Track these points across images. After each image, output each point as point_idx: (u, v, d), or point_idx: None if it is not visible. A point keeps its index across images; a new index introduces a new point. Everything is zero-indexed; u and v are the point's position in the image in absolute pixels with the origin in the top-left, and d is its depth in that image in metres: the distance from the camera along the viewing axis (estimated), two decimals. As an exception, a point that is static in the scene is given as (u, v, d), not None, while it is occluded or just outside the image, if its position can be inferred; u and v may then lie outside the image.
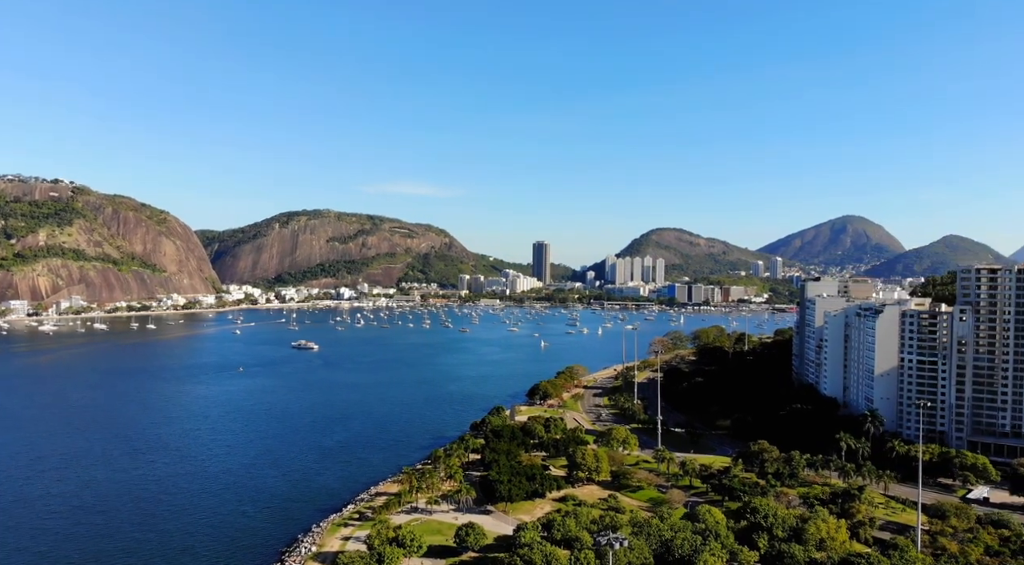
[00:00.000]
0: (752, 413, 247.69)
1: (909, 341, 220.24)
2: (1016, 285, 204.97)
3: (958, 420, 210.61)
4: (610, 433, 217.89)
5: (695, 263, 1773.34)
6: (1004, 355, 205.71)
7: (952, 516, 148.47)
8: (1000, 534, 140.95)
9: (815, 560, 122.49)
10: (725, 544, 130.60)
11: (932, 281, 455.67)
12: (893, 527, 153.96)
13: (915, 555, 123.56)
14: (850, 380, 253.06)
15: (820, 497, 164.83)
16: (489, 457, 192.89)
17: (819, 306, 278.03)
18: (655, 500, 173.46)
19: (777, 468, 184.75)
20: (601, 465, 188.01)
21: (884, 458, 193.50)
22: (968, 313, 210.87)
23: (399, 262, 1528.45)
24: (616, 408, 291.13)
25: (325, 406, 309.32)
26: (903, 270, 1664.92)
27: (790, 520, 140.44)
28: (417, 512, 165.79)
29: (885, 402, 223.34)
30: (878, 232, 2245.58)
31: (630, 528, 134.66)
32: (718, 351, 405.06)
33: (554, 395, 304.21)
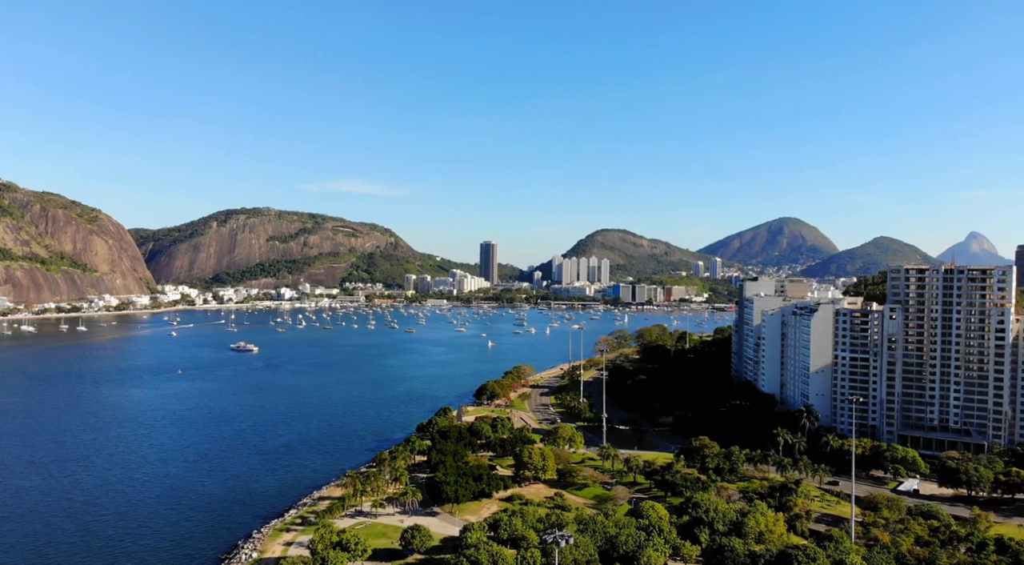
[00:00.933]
0: (693, 410, 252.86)
1: (842, 339, 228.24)
2: (943, 284, 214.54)
3: (889, 415, 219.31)
4: (557, 432, 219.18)
5: (639, 263, 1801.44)
6: (932, 352, 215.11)
7: (884, 508, 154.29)
8: (930, 525, 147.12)
9: (754, 553, 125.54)
10: (668, 539, 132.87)
11: (864, 281, 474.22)
12: (828, 519, 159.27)
13: (849, 546, 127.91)
14: (787, 377, 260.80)
15: (759, 491, 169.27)
16: (435, 458, 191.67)
17: (757, 305, 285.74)
18: (600, 497, 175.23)
19: (718, 463, 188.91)
20: (548, 464, 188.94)
21: (819, 452, 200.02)
22: (898, 311, 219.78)
23: (342, 262, 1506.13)
24: (562, 407, 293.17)
25: (266, 409, 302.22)
26: (837, 270, 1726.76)
27: (730, 514, 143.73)
28: (362, 515, 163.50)
29: (820, 398, 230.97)
30: (813, 234, 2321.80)
31: (576, 525, 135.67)
32: (661, 349, 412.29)
33: (501, 395, 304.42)
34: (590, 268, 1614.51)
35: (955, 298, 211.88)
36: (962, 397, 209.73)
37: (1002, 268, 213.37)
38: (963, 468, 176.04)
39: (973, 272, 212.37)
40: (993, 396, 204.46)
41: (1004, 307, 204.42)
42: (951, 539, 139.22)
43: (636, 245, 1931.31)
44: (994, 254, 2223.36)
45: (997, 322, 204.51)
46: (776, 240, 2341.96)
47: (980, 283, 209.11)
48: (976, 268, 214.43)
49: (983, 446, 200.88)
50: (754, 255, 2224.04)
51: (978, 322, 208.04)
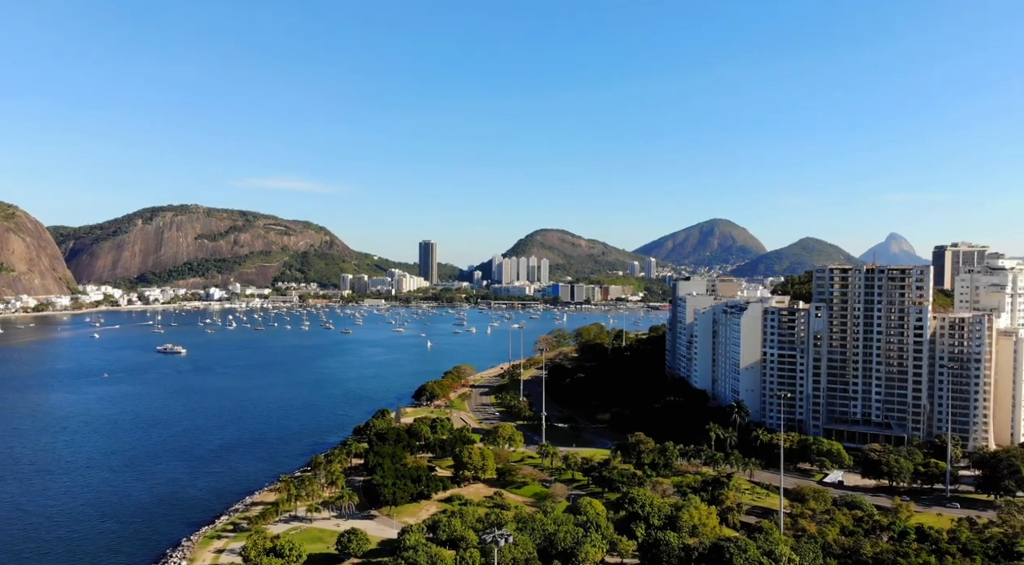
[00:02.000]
0: (630, 406, 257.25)
1: (771, 336, 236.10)
2: (864, 284, 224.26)
3: (815, 409, 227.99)
4: (497, 431, 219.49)
5: (577, 263, 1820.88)
6: (854, 348, 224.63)
7: (811, 499, 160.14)
8: (854, 515, 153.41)
9: (688, 546, 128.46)
10: (605, 535, 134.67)
11: (791, 280, 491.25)
12: (758, 511, 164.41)
13: (778, 537, 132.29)
14: (718, 373, 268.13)
15: (692, 485, 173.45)
16: (373, 461, 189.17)
17: (690, 304, 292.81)
18: (539, 495, 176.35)
19: (653, 459, 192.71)
20: (487, 463, 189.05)
21: (750, 446, 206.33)
22: (823, 310, 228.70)
23: (275, 261, 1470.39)
24: (503, 406, 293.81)
25: (196, 413, 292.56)
26: (765, 270, 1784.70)
27: (665, 509, 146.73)
28: (296, 520, 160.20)
29: (750, 394, 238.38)
30: (743, 234, 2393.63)
31: (515, 524, 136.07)
32: (598, 348, 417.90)
33: (441, 395, 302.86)
34: (530, 268, 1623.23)
35: (876, 297, 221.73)
36: (883, 392, 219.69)
37: (920, 268, 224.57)
38: (885, 460, 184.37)
39: (893, 272, 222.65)
40: (912, 390, 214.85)
41: (922, 305, 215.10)
42: (874, 528, 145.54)
43: (575, 245, 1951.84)
44: (913, 255, 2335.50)
45: (915, 320, 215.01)
46: (707, 241, 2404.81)
47: (899, 282, 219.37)
48: (896, 268, 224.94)
49: (903, 438, 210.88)
50: (687, 255, 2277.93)
51: (898, 320, 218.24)
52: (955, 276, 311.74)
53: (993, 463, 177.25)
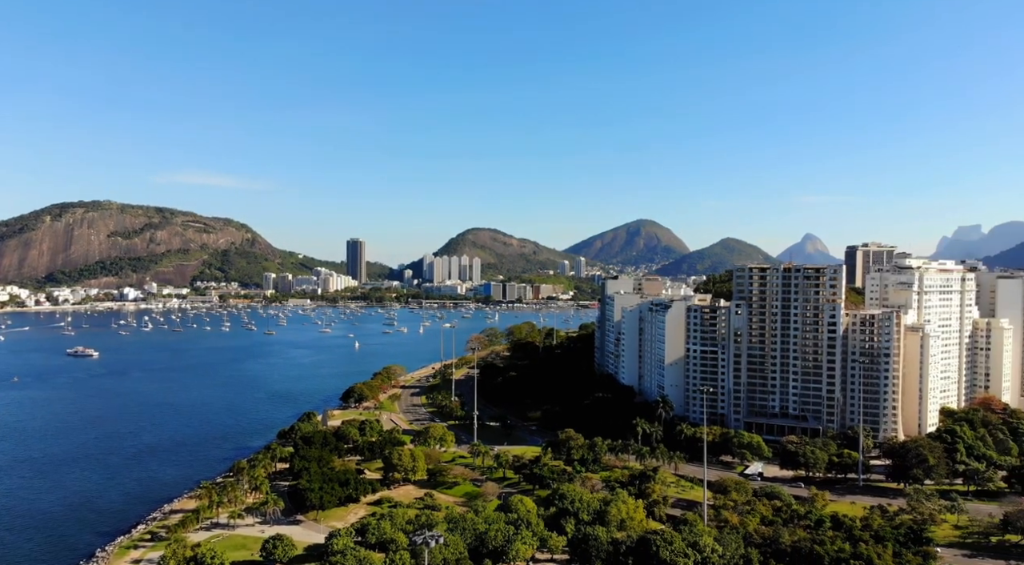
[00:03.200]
0: (560, 404, 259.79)
1: (694, 333, 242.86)
2: (782, 282, 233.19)
3: (736, 403, 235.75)
4: (427, 432, 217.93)
5: (509, 262, 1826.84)
6: (772, 344, 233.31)
7: (733, 491, 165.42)
8: (773, 505, 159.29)
9: (616, 540, 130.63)
10: (536, 531, 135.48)
11: (712, 279, 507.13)
12: (683, 504, 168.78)
13: (702, 529, 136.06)
14: (644, 369, 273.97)
15: (620, 480, 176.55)
16: (299, 465, 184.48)
17: (617, 302, 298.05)
18: (471, 494, 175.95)
19: (582, 455, 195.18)
20: (418, 464, 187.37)
21: (675, 440, 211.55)
22: (743, 307, 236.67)
23: (194, 259, 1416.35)
24: (434, 406, 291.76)
25: (110, 419, 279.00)
26: (688, 269, 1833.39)
27: (594, 504, 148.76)
28: (218, 528, 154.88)
29: (675, 389, 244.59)
30: (667, 235, 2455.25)
31: (446, 525, 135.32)
32: (530, 346, 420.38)
33: (370, 397, 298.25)
34: (462, 267, 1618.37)
35: (793, 295, 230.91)
36: (799, 386, 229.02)
37: (833, 267, 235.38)
38: (801, 451, 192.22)
39: (808, 271, 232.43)
40: (827, 384, 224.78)
41: (835, 303, 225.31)
42: (792, 518, 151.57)
43: (506, 244, 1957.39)
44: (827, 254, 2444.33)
45: (829, 317, 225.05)
46: (634, 241, 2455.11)
47: (814, 281, 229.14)
48: (811, 267, 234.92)
49: (819, 430, 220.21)
50: (615, 255, 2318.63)
51: (813, 317, 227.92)
52: (866, 275, 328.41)
53: (902, 453, 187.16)
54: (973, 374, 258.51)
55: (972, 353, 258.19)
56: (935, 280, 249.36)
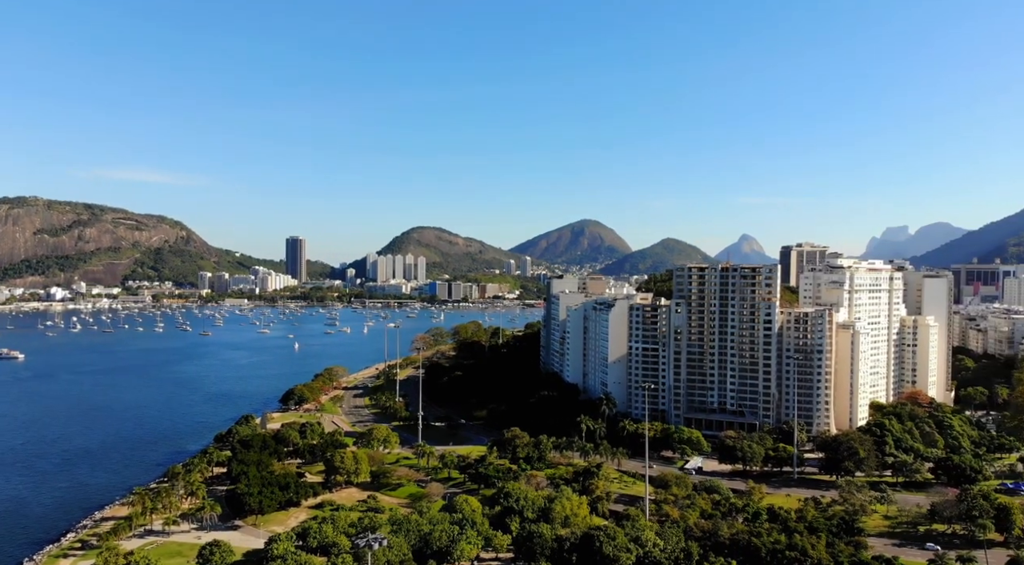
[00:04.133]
0: (506, 402, 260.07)
1: (636, 331, 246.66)
2: (720, 282, 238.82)
3: (676, 399, 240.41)
4: (371, 433, 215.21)
5: (454, 261, 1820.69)
6: (711, 341, 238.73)
7: (673, 485, 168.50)
8: (712, 499, 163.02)
9: (561, 537, 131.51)
10: (481, 531, 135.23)
11: (654, 278, 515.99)
12: (626, 499, 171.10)
13: (644, 523, 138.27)
14: (589, 367, 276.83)
15: (565, 477, 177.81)
16: (237, 469, 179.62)
17: (562, 301, 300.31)
18: (415, 495, 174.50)
19: (527, 453, 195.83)
20: (361, 467, 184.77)
21: (618, 437, 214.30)
22: (683, 306, 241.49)
23: (125, 258, 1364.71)
24: (378, 407, 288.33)
25: (37, 424, 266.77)
26: (630, 268, 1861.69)
27: (539, 501, 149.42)
28: (153, 535, 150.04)
29: (618, 386, 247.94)
30: (610, 235, 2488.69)
31: (389, 527, 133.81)
32: (476, 345, 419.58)
33: (311, 399, 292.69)
34: (406, 266, 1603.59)
35: (730, 294, 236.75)
36: (737, 382, 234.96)
37: (769, 267, 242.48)
38: (739, 446, 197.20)
39: (745, 270, 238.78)
40: (763, 380, 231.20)
41: (770, 301, 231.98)
42: (730, 511, 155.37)
43: (452, 243, 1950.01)
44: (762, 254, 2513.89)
45: (765, 315, 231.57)
46: (578, 240, 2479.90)
47: (751, 280, 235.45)
48: (747, 267, 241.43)
49: (755, 425, 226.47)
50: (559, 254, 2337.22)
51: (749, 315, 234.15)
52: (799, 274, 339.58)
53: (834, 446, 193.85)
54: (901, 369, 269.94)
55: (900, 349, 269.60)
56: (865, 279, 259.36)
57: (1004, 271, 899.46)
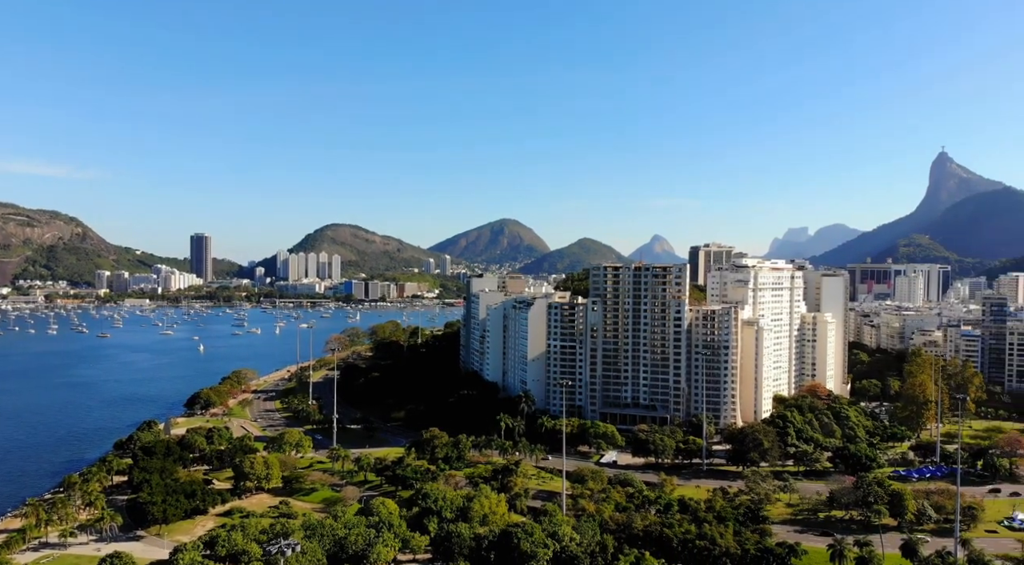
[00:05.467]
0: (425, 403, 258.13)
1: (554, 329, 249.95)
2: (633, 280, 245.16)
3: (592, 395, 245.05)
4: (282, 437, 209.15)
5: (371, 260, 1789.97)
6: (625, 338, 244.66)
7: (589, 480, 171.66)
8: (626, 491, 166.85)
9: (479, 536, 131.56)
10: (398, 533, 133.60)
11: (571, 277, 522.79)
12: (544, 495, 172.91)
13: (561, 518, 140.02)
14: (508, 365, 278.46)
15: (484, 475, 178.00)
16: (139, 477, 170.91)
17: (482, 300, 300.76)
18: (330, 500, 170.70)
19: (446, 453, 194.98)
20: (272, 472, 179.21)
21: (536, 433, 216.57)
22: (598, 304, 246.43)
23: (15, 256, 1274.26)
24: (289, 411, 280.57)
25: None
26: (549, 267, 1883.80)
27: (457, 501, 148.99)
28: (48, 548, 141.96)
29: (537, 383, 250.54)
30: (529, 234, 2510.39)
31: (302, 532, 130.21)
32: (394, 345, 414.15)
33: (218, 403, 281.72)
34: (320, 264, 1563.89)
35: (643, 292, 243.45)
36: (649, 377, 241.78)
37: (678, 266, 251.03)
38: (651, 439, 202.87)
39: (656, 270, 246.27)
40: (673, 375, 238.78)
41: (680, 299, 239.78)
42: (644, 503, 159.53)
43: (369, 241, 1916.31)
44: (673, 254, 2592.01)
45: (675, 312, 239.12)
46: (498, 240, 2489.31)
47: (662, 279, 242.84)
48: (659, 266, 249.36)
49: (667, 419, 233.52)
50: (479, 253, 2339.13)
51: (660, 312, 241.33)
52: (707, 273, 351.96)
53: (740, 438, 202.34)
54: (801, 363, 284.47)
55: (800, 344, 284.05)
56: (768, 278, 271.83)
57: (895, 270, 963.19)
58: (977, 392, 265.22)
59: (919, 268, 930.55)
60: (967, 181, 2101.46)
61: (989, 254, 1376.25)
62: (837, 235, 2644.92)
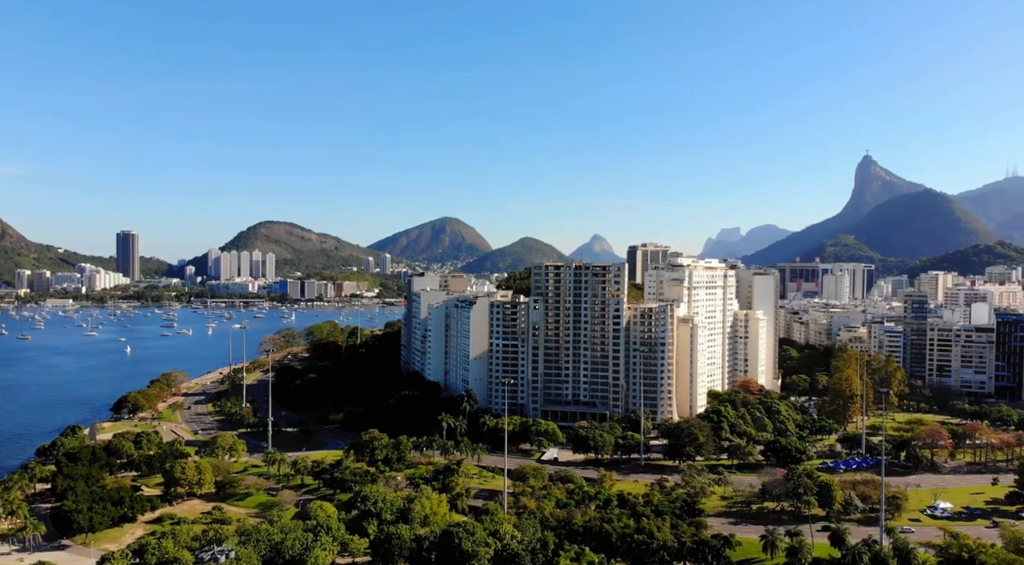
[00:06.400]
0: (364, 404, 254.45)
1: (496, 328, 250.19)
2: (573, 279, 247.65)
3: (534, 393, 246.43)
4: (215, 441, 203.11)
5: (308, 258, 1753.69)
6: (566, 336, 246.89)
7: (531, 477, 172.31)
8: (567, 488, 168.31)
9: (420, 537, 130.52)
10: (336, 536, 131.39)
11: (513, 276, 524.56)
12: (486, 494, 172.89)
13: (502, 517, 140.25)
14: (451, 365, 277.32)
15: (425, 476, 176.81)
16: (63, 484, 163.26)
17: (424, 299, 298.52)
18: (265, 504, 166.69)
19: (386, 454, 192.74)
20: (204, 477, 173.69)
21: (479, 432, 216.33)
22: (540, 303, 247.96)
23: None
24: (222, 414, 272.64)
25: None
26: (491, 266, 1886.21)
27: (398, 502, 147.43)
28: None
29: (479, 382, 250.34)
30: (471, 233, 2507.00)
31: (237, 538, 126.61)
32: (332, 346, 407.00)
33: (147, 406, 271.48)
34: (253, 263, 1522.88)
35: (583, 291, 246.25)
36: (590, 374, 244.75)
37: (617, 266, 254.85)
38: (591, 436, 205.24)
39: (596, 269, 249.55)
40: (612, 372, 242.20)
41: (619, 298, 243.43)
42: (584, 499, 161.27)
43: (305, 239, 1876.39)
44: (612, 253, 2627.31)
45: (614, 310, 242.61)
46: (439, 238, 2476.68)
47: (601, 278, 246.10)
48: (598, 265, 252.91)
49: (606, 415, 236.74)
50: (420, 252, 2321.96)
51: (600, 310, 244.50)
52: (644, 272, 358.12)
53: (677, 433, 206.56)
54: (734, 359, 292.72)
55: (733, 341, 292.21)
56: (702, 277, 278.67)
57: (823, 269, 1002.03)
58: (900, 386, 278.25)
59: (845, 267, 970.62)
60: (890, 184, 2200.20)
61: (910, 253, 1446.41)
62: (768, 235, 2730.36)
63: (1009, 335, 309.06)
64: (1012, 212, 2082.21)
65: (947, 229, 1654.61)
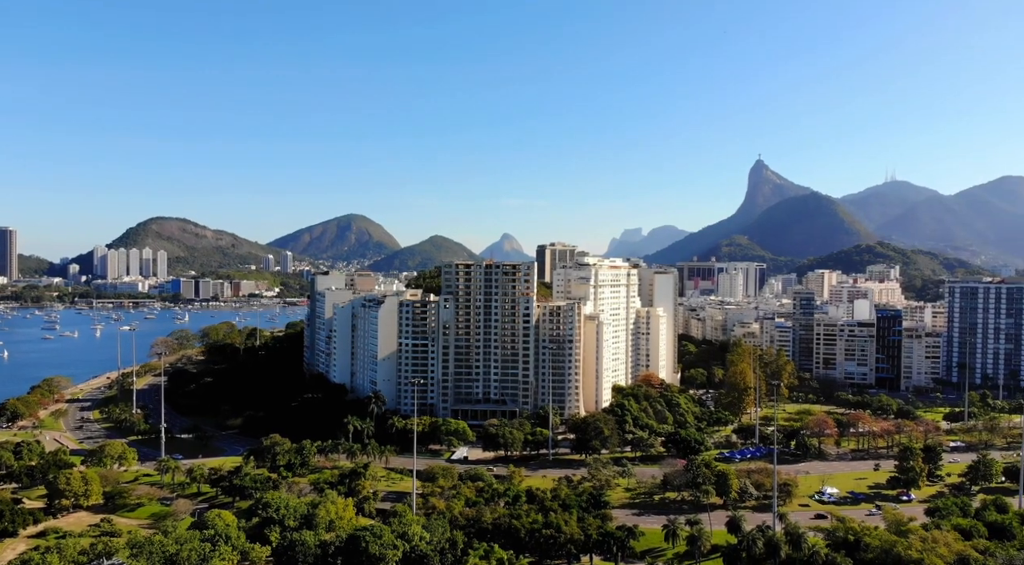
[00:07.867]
0: (264, 408, 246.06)
1: (405, 327, 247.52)
2: (484, 278, 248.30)
3: (444, 392, 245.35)
4: (103, 450, 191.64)
5: (202, 256, 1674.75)
6: (477, 335, 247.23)
7: (440, 477, 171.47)
8: (476, 486, 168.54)
9: (325, 542, 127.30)
10: (236, 545, 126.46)
11: (423, 275, 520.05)
12: (394, 496, 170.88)
13: (411, 518, 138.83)
14: (357, 366, 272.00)
15: (330, 480, 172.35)
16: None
17: (329, 299, 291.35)
18: (159, 515, 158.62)
19: (289, 459, 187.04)
20: (91, 488, 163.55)
21: (387, 434, 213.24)
22: (450, 301, 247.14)
23: None
24: (110, 421, 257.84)
25: None
26: (400, 265, 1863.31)
27: (301, 508, 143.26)
28: None
29: (387, 383, 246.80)
30: (378, 231, 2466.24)
31: (128, 551, 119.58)
32: (229, 348, 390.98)
33: (27, 414, 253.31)
34: (143, 261, 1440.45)
35: (494, 289, 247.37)
36: (500, 372, 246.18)
37: (527, 264, 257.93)
38: (501, 433, 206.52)
39: (506, 267, 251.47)
40: (522, 369, 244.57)
41: (528, 296, 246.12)
42: (493, 496, 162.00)
43: (199, 236, 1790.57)
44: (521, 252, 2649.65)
45: (524, 309, 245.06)
46: (345, 236, 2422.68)
47: (511, 277, 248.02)
48: (508, 264, 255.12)
49: (516, 412, 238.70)
50: (325, 250, 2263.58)
51: (510, 309, 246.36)
52: (553, 271, 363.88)
53: (583, 427, 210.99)
54: (637, 355, 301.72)
55: (636, 337, 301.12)
56: (607, 275, 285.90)
57: (718, 268, 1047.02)
58: (790, 378, 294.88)
59: (739, 266, 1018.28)
60: (780, 187, 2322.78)
61: (799, 253, 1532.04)
62: (668, 235, 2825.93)
63: (888, 329, 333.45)
64: (890, 214, 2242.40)
65: (832, 230, 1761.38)
